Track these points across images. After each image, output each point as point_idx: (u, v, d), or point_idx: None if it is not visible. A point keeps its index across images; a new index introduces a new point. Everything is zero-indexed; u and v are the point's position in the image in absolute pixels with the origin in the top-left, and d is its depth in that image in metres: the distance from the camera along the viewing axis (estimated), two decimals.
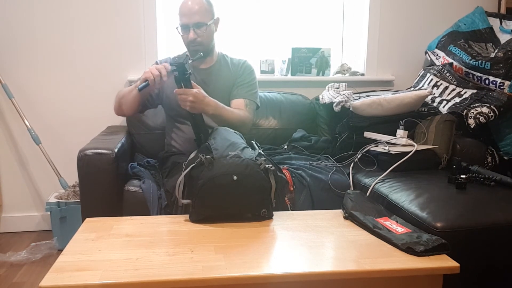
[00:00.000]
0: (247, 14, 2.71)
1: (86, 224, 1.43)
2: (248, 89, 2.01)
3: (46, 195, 2.56)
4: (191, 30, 1.86)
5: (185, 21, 1.87)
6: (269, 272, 1.11)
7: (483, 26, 2.47)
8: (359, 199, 1.55)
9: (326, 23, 2.79)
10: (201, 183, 1.41)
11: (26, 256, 2.21)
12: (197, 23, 1.86)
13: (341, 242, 1.29)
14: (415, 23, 2.74)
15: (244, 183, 1.42)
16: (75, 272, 1.09)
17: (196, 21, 1.86)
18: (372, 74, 2.73)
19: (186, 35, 1.89)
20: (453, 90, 2.33)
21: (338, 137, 2.19)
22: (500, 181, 1.68)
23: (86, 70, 2.51)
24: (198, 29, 1.87)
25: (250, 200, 1.44)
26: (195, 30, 1.87)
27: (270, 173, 1.47)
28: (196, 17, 1.86)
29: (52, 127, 2.53)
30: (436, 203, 1.47)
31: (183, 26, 1.89)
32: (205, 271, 1.10)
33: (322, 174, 1.86)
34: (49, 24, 2.44)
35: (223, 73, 2.01)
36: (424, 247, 1.20)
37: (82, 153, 1.75)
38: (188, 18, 1.86)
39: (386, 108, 2.09)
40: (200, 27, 1.87)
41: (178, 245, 1.26)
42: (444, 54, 2.50)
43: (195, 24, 1.86)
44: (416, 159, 1.86)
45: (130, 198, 1.80)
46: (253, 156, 1.49)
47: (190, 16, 1.86)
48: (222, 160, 1.45)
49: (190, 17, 1.86)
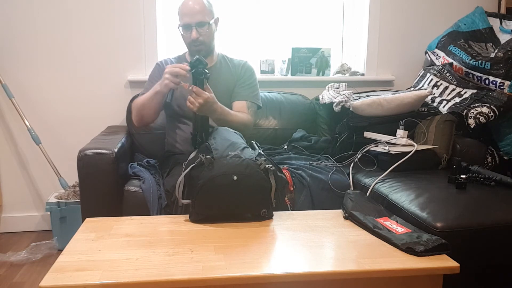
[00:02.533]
0: (247, 14, 2.71)
1: (86, 224, 1.43)
2: (249, 90, 2.01)
3: (46, 195, 2.57)
4: (194, 29, 1.86)
5: (187, 21, 1.87)
6: (269, 272, 1.11)
7: (483, 26, 2.47)
8: (359, 199, 1.55)
9: (326, 23, 2.79)
10: (201, 183, 1.41)
11: (26, 256, 2.21)
12: (199, 22, 1.87)
13: (341, 242, 1.29)
14: (415, 23, 2.74)
15: (244, 183, 1.42)
16: (75, 272, 1.09)
17: (198, 20, 1.86)
18: (372, 74, 2.74)
19: (188, 34, 1.89)
20: (453, 90, 2.33)
21: (338, 137, 2.19)
22: (500, 181, 1.68)
23: (86, 70, 2.51)
24: (200, 28, 1.88)
25: (250, 200, 1.44)
26: (198, 29, 1.87)
27: (270, 173, 1.47)
28: (198, 16, 1.86)
29: (52, 127, 2.53)
30: (436, 203, 1.47)
31: (185, 26, 1.89)
32: (205, 271, 1.10)
33: (322, 174, 1.86)
34: (49, 24, 2.44)
35: (224, 74, 2.01)
36: (424, 247, 1.20)
37: (82, 153, 1.75)
38: (190, 17, 1.86)
39: (386, 108, 2.09)
40: (202, 26, 1.88)
41: (178, 245, 1.26)
42: (444, 54, 2.50)
43: (198, 24, 1.87)
44: (416, 159, 1.86)
45: (130, 198, 1.80)
46: (253, 156, 1.49)
47: (192, 15, 1.86)
48: (222, 160, 1.45)
49: (192, 17, 1.86)
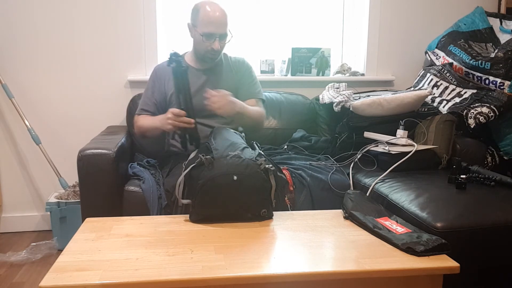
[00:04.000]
0: (247, 14, 2.71)
1: (86, 224, 1.43)
2: (254, 87, 2.07)
3: (46, 195, 2.57)
4: (217, 40, 1.88)
5: (212, 30, 1.86)
6: (269, 272, 1.11)
7: (483, 26, 2.47)
8: (359, 199, 1.56)
9: (326, 23, 2.79)
10: (201, 183, 1.41)
11: (26, 256, 2.21)
12: (223, 34, 1.89)
13: (341, 242, 1.29)
14: (415, 23, 2.74)
15: (244, 183, 1.42)
16: (75, 272, 1.09)
17: (223, 32, 1.88)
18: (372, 74, 2.74)
19: (209, 43, 1.88)
20: (453, 90, 2.33)
21: (338, 137, 2.19)
22: (500, 181, 1.68)
23: (86, 70, 2.51)
24: (222, 40, 1.90)
25: (250, 200, 1.44)
26: (220, 41, 1.89)
27: (270, 173, 1.47)
28: (224, 27, 1.88)
29: (52, 127, 2.53)
30: (436, 203, 1.47)
31: (208, 35, 1.87)
32: (205, 271, 1.10)
33: (322, 174, 1.86)
34: (49, 24, 2.44)
35: (225, 72, 2.03)
36: (424, 247, 1.20)
37: (82, 153, 1.75)
38: (216, 27, 1.86)
39: (386, 108, 2.09)
40: (225, 38, 1.91)
41: (178, 245, 1.26)
42: (444, 54, 2.50)
43: (222, 35, 1.89)
44: (416, 159, 1.86)
45: (130, 198, 1.80)
46: (253, 156, 1.49)
47: (218, 26, 1.86)
48: (222, 160, 1.45)
49: (218, 27, 1.86)
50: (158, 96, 2.00)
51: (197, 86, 1.96)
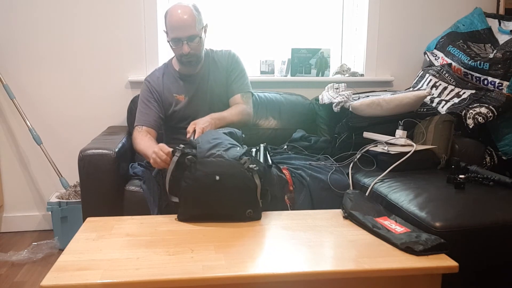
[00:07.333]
0: (247, 14, 2.71)
1: (87, 224, 1.44)
2: (240, 82, 2.02)
3: (47, 194, 2.57)
4: (185, 44, 1.82)
5: (177, 35, 1.81)
6: (269, 271, 1.11)
7: (482, 27, 2.48)
8: (359, 199, 1.56)
9: (326, 24, 2.80)
10: (184, 184, 1.42)
11: (27, 255, 2.21)
12: (190, 36, 1.82)
13: (340, 241, 1.30)
14: (414, 23, 2.74)
15: (227, 183, 1.40)
16: (76, 271, 1.10)
17: (189, 34, 1.81)
18: (371, 74, 2.74)
19: (179, 48, 1.85)
20: (452, 90, 2.33)
21: (337, 137, 2.20)
22: (498, 181, 1.68)
23: (87, 71, 2.52)
24: (191, 42, 1.83)
25: (234, 201, 1.43)
26: (189, 43, 1.83)
27: (255, 173, 1.45)
28: (189, 30, 1.80)
29: (53, 127, 2.54)
30: (435, 203, 1.48)
31: (175, 40, 1.83)
32: (205, 270, 1.11)
33: (322, 174, 1.87)
34: (50, 25, 2.45)
35: (213, 71, 2.01)
36: (423, 247, 1.20)
37: (83, 153, 1.76)
38: (181, 31, 1.80)
39: (385, 108, 2.10)
40: (193, 39, 1.84)
41: (179, 244, 1.27)
42: (443, 55, 2.51)
43: (189, 38, 1.82)
44: (415, 159, 1.86)
45: (131, 198, 1.80)
46: (237, 156, 1.48)
47: (182, 29, 1.80)
48: (205, 160, 1.45)
49: (182, 31, 1.80)
50: (158, 108, 1.98)
51: (190, 94, 1.97)
